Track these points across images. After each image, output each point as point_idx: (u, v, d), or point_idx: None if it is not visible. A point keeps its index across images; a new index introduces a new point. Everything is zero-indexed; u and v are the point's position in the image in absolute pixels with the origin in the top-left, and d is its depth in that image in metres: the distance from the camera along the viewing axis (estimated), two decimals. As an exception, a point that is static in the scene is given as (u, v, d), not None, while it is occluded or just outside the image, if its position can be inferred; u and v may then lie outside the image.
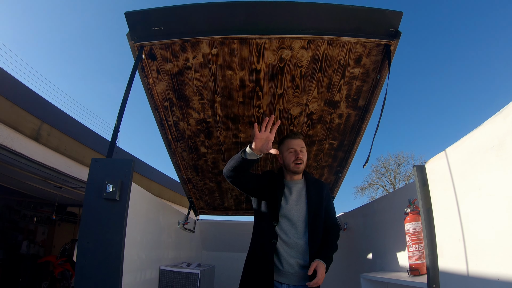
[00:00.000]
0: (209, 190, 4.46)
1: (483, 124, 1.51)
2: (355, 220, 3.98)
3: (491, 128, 1.45)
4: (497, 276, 1.38)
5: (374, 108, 3.08)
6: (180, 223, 4.07)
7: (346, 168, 3.97)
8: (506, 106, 1.36)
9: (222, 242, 5.62)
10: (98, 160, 2.22)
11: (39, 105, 6.07)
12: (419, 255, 2.35)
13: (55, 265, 8.89)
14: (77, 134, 7.05)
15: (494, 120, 1.43)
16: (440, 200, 1.85)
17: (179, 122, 3.21)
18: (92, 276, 1.99)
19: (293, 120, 3.20)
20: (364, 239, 3.66)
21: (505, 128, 1.35)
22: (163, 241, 3.47)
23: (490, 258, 1.44)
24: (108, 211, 2.06)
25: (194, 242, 5.15)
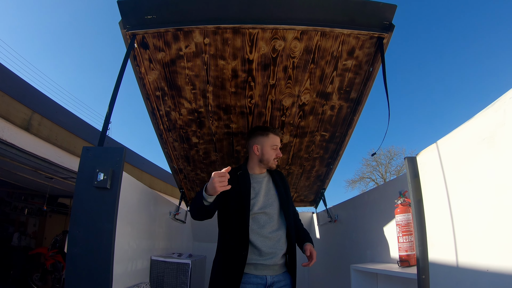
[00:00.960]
0: (201, 180, 4.46)
1: (474, 117, 1.52)
2: (346, 211, 4.00)
3: (483, 121, 1.45)
4: (487, 267, 1.39)
5: (366, 100, 3.09)
6: (171, 213, 4.06)
7: (337, 160, 3.99)
8: (497, 99, 1.37)
9: (213, 233, 5.60)
10: (89, 148, 2.20)
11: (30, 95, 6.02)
12: (409, 247, 2.37)
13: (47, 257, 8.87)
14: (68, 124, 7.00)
15: (485, 113, 1.44)
16: (431, 192, 1.86)
17: (171, 111, 3.19)
18: (83, 265, 1.98)
19: (285, 111, 3.20)
20: (354, 231, 3.68)
21: (497, 121, 1.36)
22: (154, 231, 3.47)
23: (480, 250, 1.45)
24: (99, 199, 2.05)
25: (186, 233, 5.15)
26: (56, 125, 6.62)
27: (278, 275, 2.71)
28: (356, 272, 2.89)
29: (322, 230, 4.93)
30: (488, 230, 1.40)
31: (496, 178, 1.35)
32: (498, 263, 1.33)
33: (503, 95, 1.34)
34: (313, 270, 5.43)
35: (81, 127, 7.50)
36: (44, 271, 8.84)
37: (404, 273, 2.20)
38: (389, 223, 2.87)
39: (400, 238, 2.43)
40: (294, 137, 3.58)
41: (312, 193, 4.97)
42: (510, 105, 1.28)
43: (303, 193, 4.97)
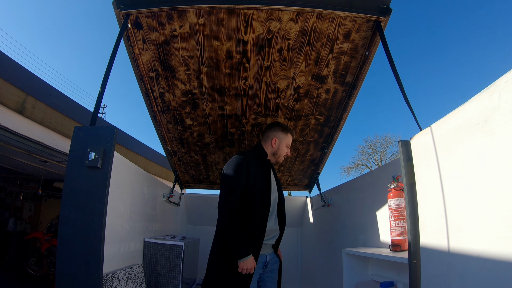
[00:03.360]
0: (195, 163, 4.46)
1: (469, 101, 1.51)
2: (340, 196, 4.01)
3: (477, 105, 1.44)
4: (478, 252, 1.39)
5: (362, 84, 3.07)
6: (165, 195, 4.06)
7: (332, 145, 3.98)
8: (492, 83, 1.36)
9: (207, 216, 5.64)
10: (81, 128, 2.19)
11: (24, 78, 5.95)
12: (401, 231, 2.37)
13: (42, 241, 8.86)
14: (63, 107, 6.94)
15: (480, 97, 1.43)
16: (424, 176, 1.86)
17: (165, 93, 3.17)
18: (74, 245, 1.98)
19: (279, 94, 3.18)
20: (348, 215, 3.70)
21: (491, 105, 1.35)
22: (147, 213, 3.47)
23: (471, 235, 1.45)
24: (90, 179, 2.04)
25: (180, 216, 5.16)
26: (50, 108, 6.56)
27: (271, 254, 2.88)
28: (348, 256, 2.91)
29: (316, 214, 4.95)
30: (480, 215, 1.40)
31: (489, 162, 1.35)
32: (489, 248, 1.33)
33: (498, 79, 1.32)
34: (306, 254, 5.47)
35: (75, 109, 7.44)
36: (40, 255, 8.82)
37: (395, 257, 2.20)
38: (382, 208, 2.88)
39: (392, 222, 2.43)
40: (289, 120, 3.56)
41: (306, 177, 4.98)
42: (505, 89, 1.27)
43: (297, 177, 4.98)
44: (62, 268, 1.97)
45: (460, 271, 1.50)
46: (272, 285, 2.90)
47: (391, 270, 2.68)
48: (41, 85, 6.57)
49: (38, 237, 9.19)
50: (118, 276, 2.50)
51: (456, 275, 1.53)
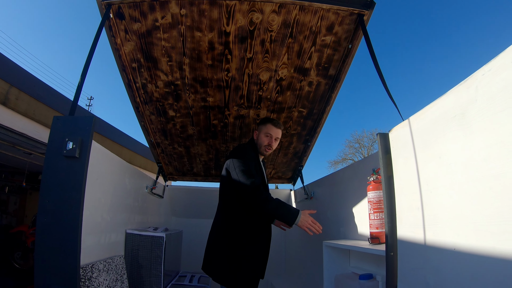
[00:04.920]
0: (178, 155, 4.44)
1: (446, 94, 1.51)
2: (322, 189, 4.03)
3: (454, 98, 1.45)
4: (454, 246, 1.40)
5: (344, 78, 3.08)
6: (148, 187, 4.05)
7: (315, 138, 4.00)
8: (470, 76, 1.36)
9: (191, 208, 5.64)
10: (60, 118, 2.16)
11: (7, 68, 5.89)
12: (380, 224, 2.39)
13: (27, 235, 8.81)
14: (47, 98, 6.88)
15: (457, 90, 1.43)
16: (402, 168, 1.87)
17: (147, 84, 3.14)
18: (52, 235, 1.96)
19: (262, 86, 3.18)
20: (329, 208, 3.72)
21: (468, 98, 1.35)
22: (129, 205, 3.45)
23: (447, 228, 1.46)
24: (68, 169, 2.02)
25: (163, 208, 5.15)
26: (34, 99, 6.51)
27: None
28: (328, 248, 2.93)
29: (299, 206, 4.97)
30: (456, 208, 1.40)
31: (466, 155, 1.35)
32: (465, 242, 1.34)
33: (475, 72, 1.33)
34: (289, 246, 5.50)
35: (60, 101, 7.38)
36: (25, 249, 8.77)
37: (373, 250, 2.22)
38: (363, 200, 2.90)
39: (371, 215, 2.45)
40: (272, 113, 3.56)
41: (289, 170, 5.01)
42: (482, 82, 1.28)
43: (281, 170, 5.00)
44: (40, 258, 1.95)
45: (436, 264, 1.51)
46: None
47: (371, 263, 2.71)
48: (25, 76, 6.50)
49: (24, 231, 9.13)
50: (98, 267, 2.49)
51: (432, 268, 1.54)
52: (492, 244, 1.20)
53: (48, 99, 6.92)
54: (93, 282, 2.34)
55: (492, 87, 1.23)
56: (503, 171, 1.16)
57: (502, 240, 1.15)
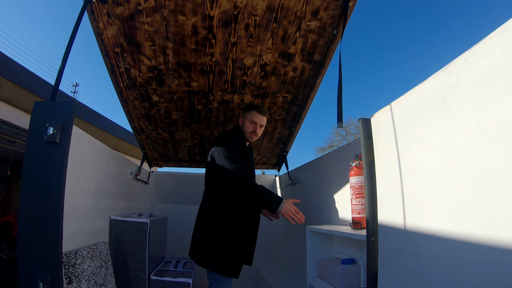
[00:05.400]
0: (162, 140, 4.41)
1: (428, 79, 1.51)
2: (306, 174, 4.06)
3: (436, 83, 1.45)
4: (433, 231, 1.42)
5: (329, 63, 3.07)
6: (133, 173, 4.03)
7: (299, 123, 4.00)
8: (452, 62, 1.36)
9: (177, 194, 5.63)
10: (40, 103, 2.13)
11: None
12: (361, 209, 2.41)
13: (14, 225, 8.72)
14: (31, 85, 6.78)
15: (439, 75, 1.43)
16: (383, 153, 1.87)
17: (131, 69, 3.10)
18: (34, 222, 1.95)
19: (246, 71, 3.15)
20: (313, 193, 3.74)
21: (450, 83, 1.35)
22: (113, 191, 3.43)
23: (426, 213, 1.47)
24: (49, 154, 1.99)
25: (148, 194, 5.13)
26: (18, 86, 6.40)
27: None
28: (311, 233, 2.96)
29: (284, 192, 5.00)
30: (435, 193, 1.42)
31: (446, 140, 1.36)
32: (444, 227, 1.35)
33: (458, 58, 1.33)
34: (274, 233, 5.55)
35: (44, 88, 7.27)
36: (12, 239, 8.67)
37: (354, 235, 2.24)
38: (345, 186, 2.92)
39: (353, 200, 2.47)
40: (256, 98, 3.55)
41: (274, 156, 5.02)
42: (464, 67, 1.28)
43: (266, 155, 5.01)
44: (22, 245, 1.93)
45: (416, 249, 1.53)
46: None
47: (354, 248, 2.73)
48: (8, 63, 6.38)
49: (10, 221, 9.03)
50: (82, 254, 2.47)
51: (412, 252, 1.56)
52: (471, 229, 1.21)
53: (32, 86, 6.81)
54: (77, 269, 2.34)
55: (473, 72, 1.24)
56: (483, 157, 1.17)
57: (481, 225, 1.17)
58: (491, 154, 1.14)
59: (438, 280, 1.37)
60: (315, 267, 2.90)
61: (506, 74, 1.09)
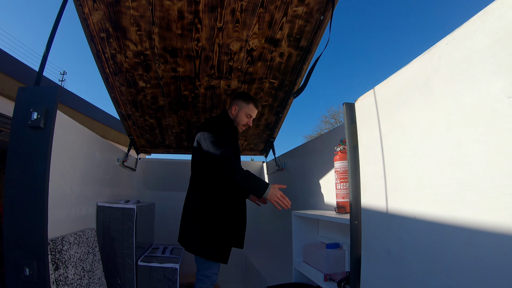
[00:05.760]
0: (150, 127, 4.39)
1: (410, 63, 1.52)
2: (293, 160, 4.08)
3: (418, 67, 1.46)
4: (414, 214, 1.44)
5: (316, 49, 3.06)
6: (119, 160, 4.02)
7: (286, 109, 4.00)
8: (434, 46, 1.37)
9: (164, 181, 5.63)
10: (25, 88, 2.11)
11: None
12: (346, 193, 2.44)
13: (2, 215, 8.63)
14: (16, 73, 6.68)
15: (421, 59, 1.44)
16: (366, 138, 1.88)
17: (116, 54, 3.07)
18: (20, 208, 1.94)
19: (232, 56, 3.14)
20: (299, 179, 3.77)
21: (431, 67, 1.36)
22: (100, 177, 3.42)
23: (408, 197, 1.49)
24: (33, 139, 1.98)
25: (136, 181, 5.13)
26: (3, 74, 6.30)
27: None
28: (297, 218, 2.99)
29: (271, 178, 5.03)
30: (417, 177, 1.43)
31: (427, 124, 1.37)
32: (425, 210, 1.37)
33: (439, 42, 1.34)
34: (262, 218, 5.59)
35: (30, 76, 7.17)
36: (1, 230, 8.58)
37: (338, 219, 2.27)
38: (330, 171, 2.95)
39: (338, 185, 2.49)
40: (243, 83, 3.55)
41: (261, 142, 5.03)
42: (446, 51, 1.29)
43: (253, 142, 5.02)
44: (8, 231, 1.93)
45: (397, 232, 1.55)
46: None
47: (339, 232, 2.77)
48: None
49: (0, 211, 8.94)
50: (68, 240, 2.48)
51: (393, 236, 1.58)
52: (451, 211, 1.23)
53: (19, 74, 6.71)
54: (63, 255, 2.34)
55: (455, 56, 1.25)
56: (463, 140, 1.19)
57: (461, 208, 1.19)
58: (471, 138, 1.15)
59: (418, 262, 1.39)
60: (301, 251, 2.93)
61: (486, 57, 1.11)
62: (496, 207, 1.05)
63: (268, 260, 4.73)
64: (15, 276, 1.90)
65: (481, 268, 1.10)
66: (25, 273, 1.89)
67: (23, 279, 1.89)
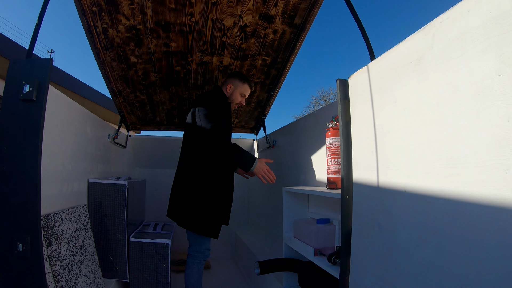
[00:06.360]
0: (140, 103, 4.37)
1: (404, 40, 1.53)
2: (283, 137, 4.10)
3: (412, 44, 1.47)
4: (404, 187, 1.46)
5: (310, 27, 3.06)
6: (110, 136, 4.00)
7: (278, 87, 4.01)
8: (428, 24, 1.38)
9: (155, 158, 5.63)
10: (16, 61, 2.09)
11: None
12: (337, 169, 2.46)
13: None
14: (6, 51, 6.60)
15: (415, 37, 1.45)
16: (359, 114, 1.90)
17: (108, 28, 3.02)
18: (11, 182, 1.94)
19: (226, 32, 3.11)
20: (290, 156, 3.80)
21: (425, 44, 1.38)
22: (91, 154, 3.40)
23: (398, 170, 1.51)
24: (25, 112, 1.97)
25: (127, 158, 5.11)
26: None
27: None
28: (287, 194, 3.02)
29: (262, 155, 5.07)
30: (407, 151, 1.46)
31: (419, 100, 1.39)
32: (415, 183, 1.40)
33: (434, 20, 1.35)
34: (252, 195, 5.63)
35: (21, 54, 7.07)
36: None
37: (329, 193, 2.30)
38: (322, 148, 2.97)
39: (329, 160, 2.52)
40: (235, 60, 3.53)
41: (252, 120, 5.03)
42: (440, 29, 1.30)
43: (244, 119, 5.02)
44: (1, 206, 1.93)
45: (388, 206, 1.58)
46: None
47: (329, 208, 2.81)
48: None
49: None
50: (60, 216, 2.48)
51: (383, 209, 1.62)
52: (440, 185, 1.26)
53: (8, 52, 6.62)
54: (56, 231, 2.34)
55: (448, 34, 1.26)
56: (453, 116, 1.21)
57: (449, 182, 1.22)
58: (461, 113, 1.17)
59: (407, 234, 1.43)
60: (291, 227, 2.97)
61: (479, 36, 1.12)
62: (485, 180, 1.08)
63: (258, 237, 4.78)
64: (9, 252, 1.90)
65: (469, 240, 1.13)
66: (18, 249, 1.90)
67: (16, 255, 1.90)
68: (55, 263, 2.23)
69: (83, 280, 2.57)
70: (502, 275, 1.01)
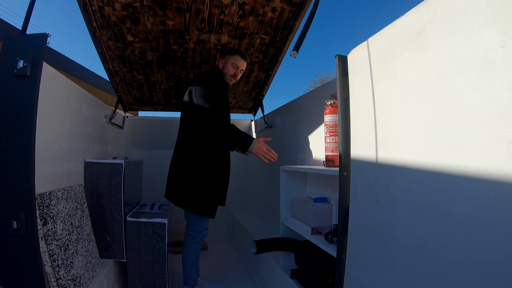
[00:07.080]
0: (137, 83, 4.33)
1: (405, 14, 1.51)
2: (281, 117, 4.09)
3: (413, 18, 1.45)
4: (403, 163, 1.45)
5: (309, 5, 3.01)
6: (107, 116, 3.97)
7: (276, 66, 3.98)
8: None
9: (152, 139, 5.62)
10: (10, 37, 2.06)
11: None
12: (335, 147, 2.45)
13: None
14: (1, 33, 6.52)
15: (417, 10, 1.43)
16: (358, 90, 1.88)
17: (104, 6, 2.97)
18: (6, 160, 1.92)
19: (224, 9, 3.07)
20: (288, 136, 3.79)
21: (426, 18, 1.35)
22: (87, 134, 3.38)
23: (398, 145, 1.50)
24: (19, 88, 1.95)
25: (124, 139, 5.09)
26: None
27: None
28: (285, 173, 3.02)
29: (259, 136, 5.05)
30: (407, 125, 1.44)
31: (420, 73, 1.37)
32: (414, 158, 1.38)
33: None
34: (250, 176, 5.64)
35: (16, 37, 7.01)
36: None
37: (327, 170, 2.29)
38: (320, 127, 2.96)
39: (327, 138, 2.50)
40: (233, 38, 3.49)
41: (250, 100, 5.01)
42: (442, 2, 1.28)
43: (242, 99, 5.00)
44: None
45: (386, 181, 1.57)
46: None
47: (326, 187, 2.81)
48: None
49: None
50: (56, 195, 2.46)
51: (382, 185, 1.60)
52: (440, 159, 1.25)
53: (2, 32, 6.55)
54: (51, 210, 2.33)
55: (450, 7, 1.24)
56: (454, 88, 1.19)
57: (451, 156, 1.20)
58: (463, 85, 1.16)
59: (406, 210, 1.42)
60: (289, 207, 2.98)
61: (482, 8, 1.10)
62: (487, 154, 1.06)
63: (256, 218, 4.80)
64: (3, 229, 1.90)
65: (469, 215, 1.12)
66: (12, 227, 1.89)
67: (11, 233, 1.89)
68: (51, 242, 2.22)
69: (80, 259, 2.57)
70: (505, 252, 1.00)
